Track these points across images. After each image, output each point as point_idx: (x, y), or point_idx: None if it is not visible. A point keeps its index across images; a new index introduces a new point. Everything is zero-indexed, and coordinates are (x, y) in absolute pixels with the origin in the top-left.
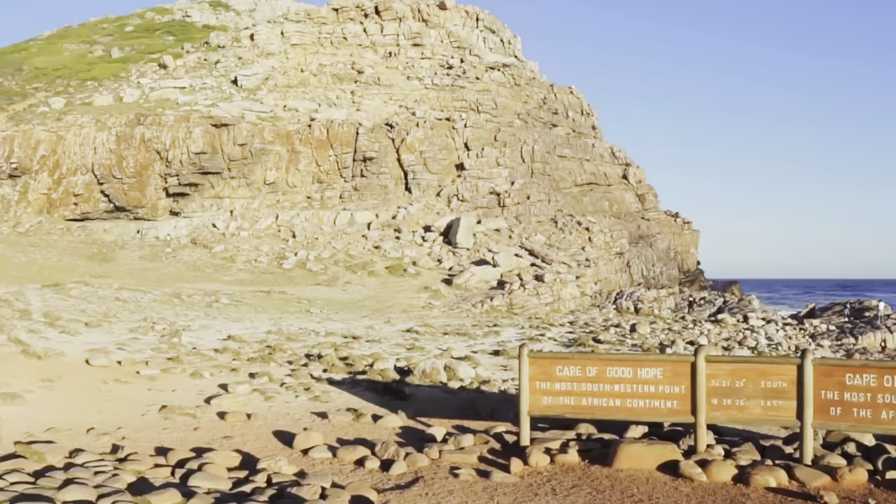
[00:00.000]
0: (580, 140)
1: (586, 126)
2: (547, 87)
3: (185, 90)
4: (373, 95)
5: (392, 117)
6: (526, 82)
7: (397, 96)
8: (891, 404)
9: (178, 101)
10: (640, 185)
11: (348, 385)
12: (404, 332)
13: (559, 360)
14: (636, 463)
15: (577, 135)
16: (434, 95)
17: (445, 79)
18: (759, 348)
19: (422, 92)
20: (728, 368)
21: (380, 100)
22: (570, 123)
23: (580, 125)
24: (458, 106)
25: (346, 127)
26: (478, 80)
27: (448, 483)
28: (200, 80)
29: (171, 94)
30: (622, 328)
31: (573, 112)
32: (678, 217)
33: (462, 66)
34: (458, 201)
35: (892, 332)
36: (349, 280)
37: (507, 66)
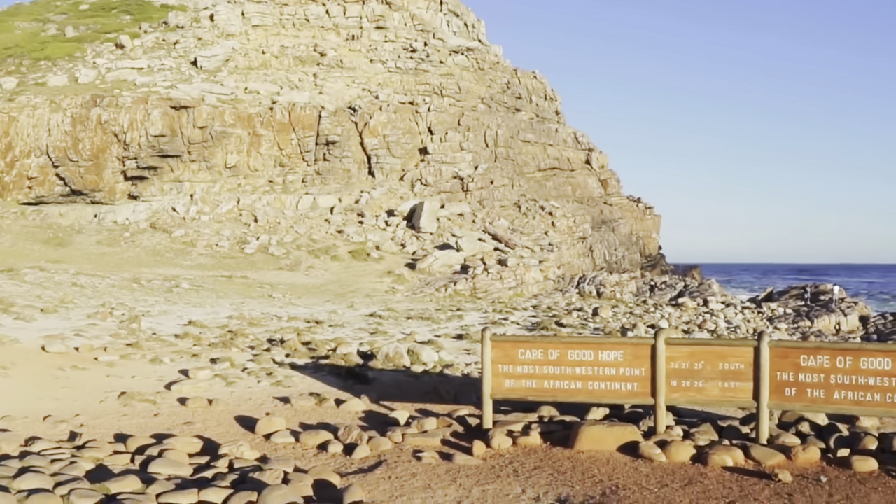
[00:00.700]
0: (543, 125)
1: (550, 111)
2: (511, 71)
3: (142, 71)
4: (335, 78)
5: (355, 101)
6: (490, 66)
7: (360, 79)
8: (843, 385)
9: (135, 83)
10: (602, 170)
11: (311, 370)
12: (367, 316)
13: (521, 343)
14: (597, 444)
15: (540, 119)
16: (397, 79)
17: (409, 62)
18: (719, 331)
19: (385, 75)
20: (687, 351)
21: (342, 83)
22: (534, 108)
23: (544, 110)
24: (422, 90)
25: (308, 110)
26: (441, 63)
27: (411, 466)
28: (159, 61)
29: (128, 75)
30: (585, 312)
31: (537, 97)
32: (640, 202)
33: (426, 49)
34: (421, 185)
35: (846, 315)
36: (312, 265)
37: (470, 50)
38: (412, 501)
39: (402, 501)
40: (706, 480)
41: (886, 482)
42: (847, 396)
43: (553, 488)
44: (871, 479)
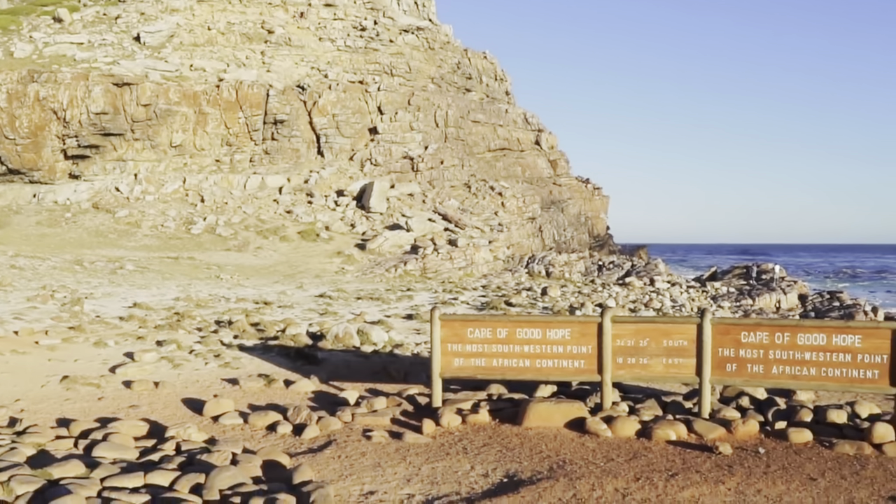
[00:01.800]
0: (494, 105)
1: (500, 91)
2: (461, 51)
3: (82, 46)
4: (283, 56)
5: (304, 79)
6: (440, 46)
7: (309, 58)
8: (781, 360)
9: (75, 58)
10: (552, 150)
11: (260, 351)
12: (317, 297)
13: (470, 322)
14: (545, 421)
15: (490, 100)
16: (347, 58)
17: (358, 41)
18: (665, 310)
19: (334, 54)
20: (632, 328)
21: (291, 61)
22: (484, 89)
23: (494, 90)
24: (372, 69)
25: (255, 88)
26: (391, 42)
27: (361, 445)
28: (100, 36)
29: (67, 50)
30: (534, 291)
31: (487, 77)
32: (589, 183)
33: (375, 28)
34: (371, 165)
35: (786, 293)
36: (260, 245)
37: (421, 29)
38: (362, 480)
39: (352, 480)
40: (650, 454)
41: (820, 452)
42: (785, 371)
43: (501, 464)
44: (806, 449)
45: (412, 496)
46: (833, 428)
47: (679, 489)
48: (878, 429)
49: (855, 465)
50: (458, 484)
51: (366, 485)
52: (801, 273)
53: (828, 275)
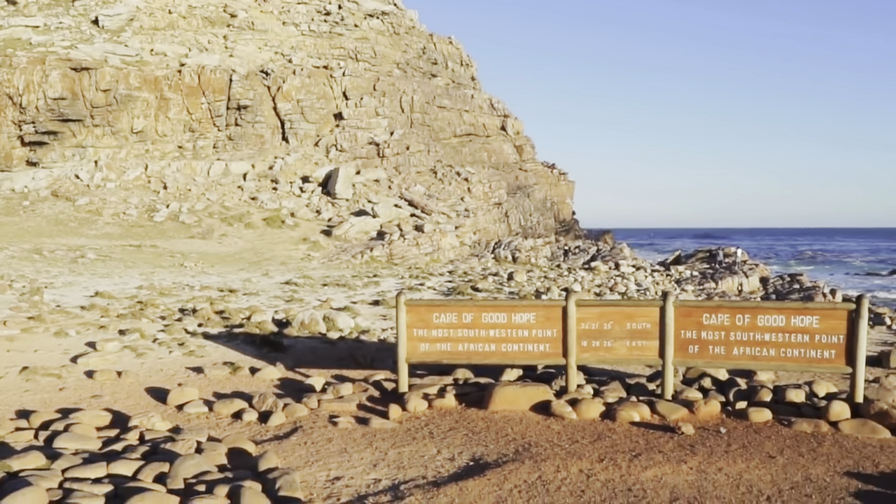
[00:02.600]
0: (459, 91)
1: (465, 77)
2: (426, 36)
3: (38, 30)
4: (246, 41)
5: (267, 64)
6: (405, 31)
7: (272, 42)
8: (742, 341)
9: (31, 42)
10: (518, 136)
11: (225, 339)
12: (283, 284)
13: (436, 307)
14: (510, 404)
15: (456, 85)
16: (311, 42)
17: (323, 25)
18: (630, 294)
19: (298, 38)
20: (597, 312)
21: (254, 45)
22: (450, 74)
23: (459, 76)
24: (336, 54)
25: (218, 73)
26: (356, 27)
27: (327, 431)
28: (56, 19)
29: (22, 33)
30: (500, 277)
31: (452, 62)
32: (555, 168)
33: (340, 12)
34: (336, 151)
35: (747, 276)
36: (225, 232)
37: (385, 13)
38: (328, 466)
39: (318, 466)
40: (614, 435)
41: (779, 430)
42: (745, 352)
43: (468, 448)
44: (766, 428)
45: (378, 481)
46: (792, 407)
47: (642, 469)
48: (835, 407)
49: (812, 442)
50: (424, 468)
51: (332, 470)
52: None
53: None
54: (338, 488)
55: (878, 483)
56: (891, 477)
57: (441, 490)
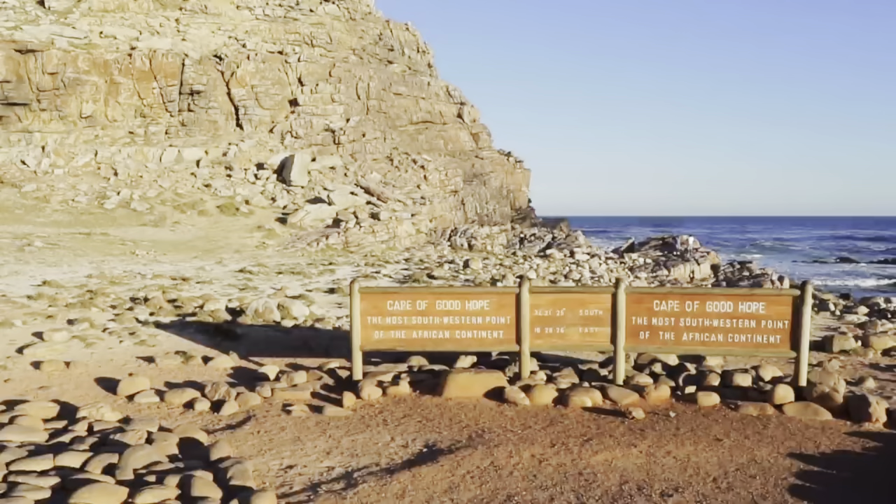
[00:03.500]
0: (416, 78)
1: (422, 64)
2: (383, 22)
3: None
4: (199, 25)
5: (221, 49)
6: (361, 17)
7: (226, 27)
8: (691, 327)
9: None
10: (474, 123)
11: (177, 328)
12: (237, 272)
13: (390, 294)
14: (464, 391)
15: (412, 72)
16: (266, 27)
17: (278, 10)
18: (584, 281)
19: (253, 23)
20: (550, 299)
21: (207, 29)
22: (406, 61)
23: (416, 63)
24: (292, 39)
25: (170, 58)
26: (312, 12)
27: (281, 420)
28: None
29: None
30: (456, 264)
31: (409, 49)
32: (511, 156)
33: None
34: (292, 138)
35: (699, 264)
36: (178, 220)
37: None
38: (281, 454)
39: (271, 455)
40: (566, 421)
41: (726, 414)
42: (694, 338)
43: (421, 435)
44: (714, 412)
45: (332, 468)
46: (739, 391)
47: (593, 453)
48: (780, 391)
49: (758, 425)
50: (378, 455)
51: (285, 459)
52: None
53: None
54: (291, 476)
55: (819, 463)
56: (831, 457)
57: (394, 477)
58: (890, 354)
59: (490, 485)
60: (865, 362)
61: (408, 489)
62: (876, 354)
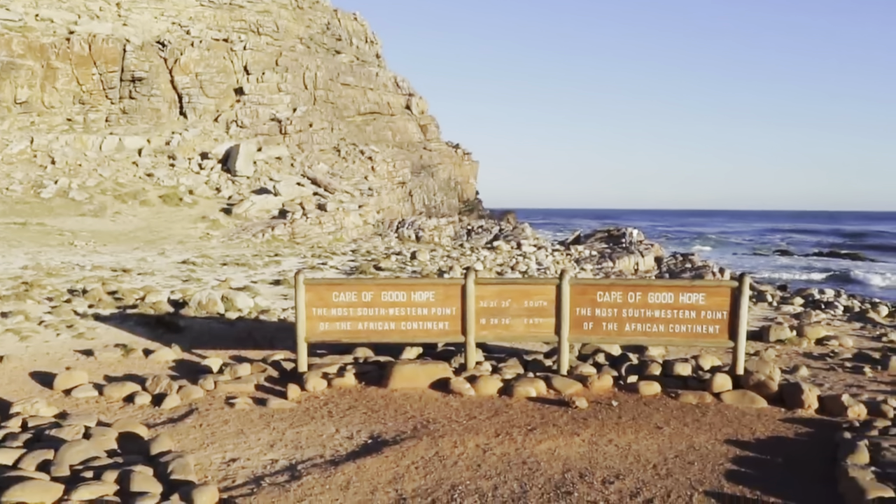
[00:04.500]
0: (364, 68)
1: (370, 54)
2: (331, 12)
3: None
4: (141, 9)
5: (164, 35)
6: (309, 6)
7: (169, 12)
8: (633, 318)
9: None
10: (422, 115)
11: (117, 320)
12: (180, 263)
13: (335, 286)
14: (410, 382)
15: (360, 63)
16: (210, 14)
17: None
18: (531, 272)
19: (197, 9)
20: (495, 290)
21: (149, 14)
22: (355, 51)
23: (364, 53)
24: (237, 27)
25: (111, 43)
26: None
27: (224, 413)
28: None
29: None
30: (403, 256)
31: (357, 39)
32: (459, 148)
33: None
34: (237, 127)
35: (643, 256)
36: (119, 210)
37: None
38: (224, 448)
39: (214, 448)
40: (511, 411)
41: (666, 402)
42: (637, 328)
43: (366, 426)
44: (655, 400)
45: (276, 461)
46: (679, 380)
47: (537, 442)
48: (718, 379)
49: (697, 412)
50: (322, 447)
51: (228, 452)
52: (658, 237)
53: (683, 238)
54: (233, 470)
55: (754, 449)
56: (765, 443)
57: (339, 468)
58: (823, 343)
59: (434, 475)
60: (800, 351)
61: (352, 480)
62: (810, 344)
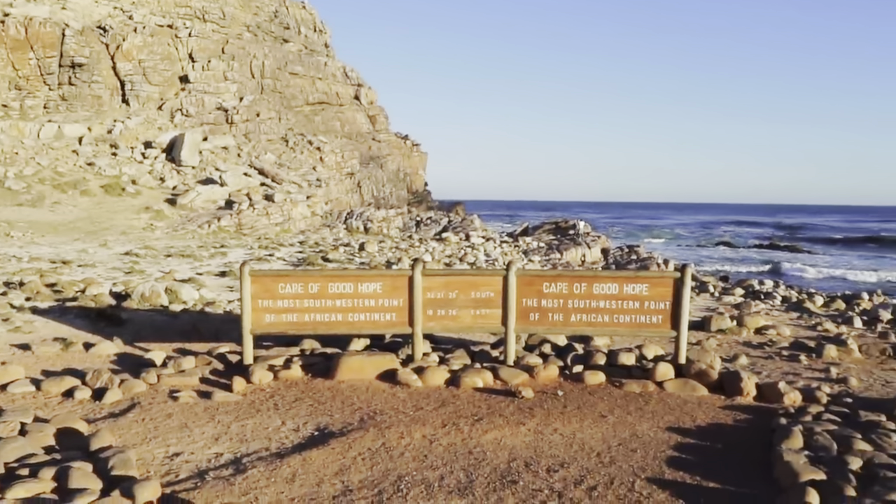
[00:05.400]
0: (312, 58)
1: (319, 44)
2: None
3: None
4: None
5: (105, 20)
6: None
7: None
8: (579, 308)
9: None
10: (371, 106)
11: (56, 313)
12: (122, 255)
13: (281, 277)
14: (357, 374)
15: (309, 52)
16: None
17: None
18: (479, 264)
19: None
20: (442, 281)
21: None
22: (303, 40)
23: (313, 42)
24: (182, 13)
25: (49, 27)
26: None
27: (167, 406)
28: None
29: None
30: (352, 247)
31: (306, 28)
32: (408, 139)
33: None
34: (182, 116)
35: (590, 247)
36: (58, 200)
37: None
38: (167, 442)
39: (156, 443)
40: (458, 401)
41: (611, 391)
42: (582, 319)
43: (313, 418)
44: (599, 389)
45: (220, 455)
46: (623, 369)
47: (483, 432)
48: (661, 368)
49: (640, 401)
50: (268, 440)
51: (171, 446)
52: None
53: (629, 230)
54: (177, 464)
55: (695, 436)
56: (706, 429)
57: (284, 461)
58: (761, 333)
59: (381, 466)
60: (740, 340)
61: (298, 473)
62: (749, 333)
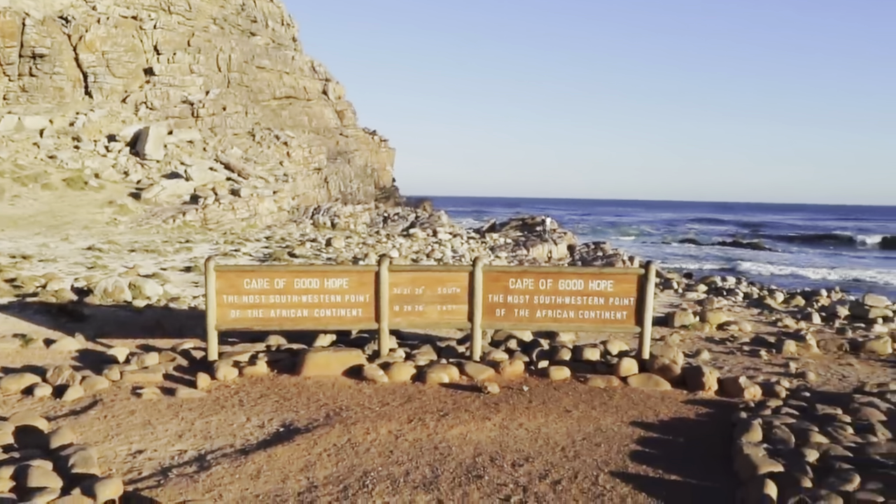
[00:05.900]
0: (280, 51)
1: (287, 37)
2: None
3: None
4: None
5: (68, 10)
6: None
7: None
8: (545, 304)
9: None
10: (339, 101)
11: (16, 309)
12: (85, 249)
13: (247, 272)
14: (323, 370)
15: (276, 46)
16: None
17: None
18: (446, 260)
19: None
20: (409, 277)
21: None
22: (270, 33)
23: (280, 36)
24: (147, 4)
25: (9, 16)
26: None
27: (130, 403)
28: None
29: None
30: (318, 243)
31: (273, 21)
32: (376, 135)
33: None
34: (146, 109)
35: (556, 244)
36: (18, 193)
37: None
38: (130, 439)
39: (119, 440)
40: (424, 397)
41: (575, 386)
42: (548, 315)
43: (278, 415)
44: (564, 384)
45: (184, 452)
46: (588, 364)
47: (449, 427)
48: (625, 363)
49: (604, 396)
50: (233, 437)
51: (134, 444)
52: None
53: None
54: (140, 462)
55: (658, 430)
56: (668, 423)
57: (249, 458)
58: (724, 328)
59: (346, 462)
60: (702, 336)
61: (263, 469)
62: (712, 329)
